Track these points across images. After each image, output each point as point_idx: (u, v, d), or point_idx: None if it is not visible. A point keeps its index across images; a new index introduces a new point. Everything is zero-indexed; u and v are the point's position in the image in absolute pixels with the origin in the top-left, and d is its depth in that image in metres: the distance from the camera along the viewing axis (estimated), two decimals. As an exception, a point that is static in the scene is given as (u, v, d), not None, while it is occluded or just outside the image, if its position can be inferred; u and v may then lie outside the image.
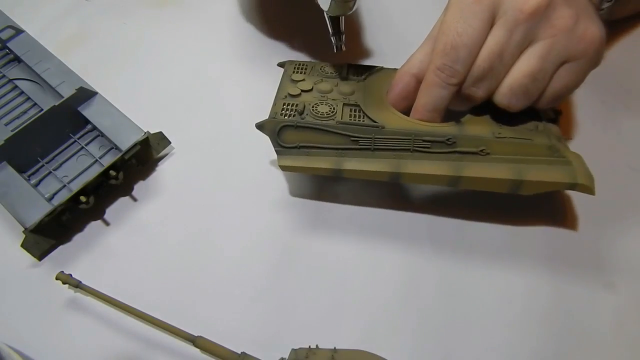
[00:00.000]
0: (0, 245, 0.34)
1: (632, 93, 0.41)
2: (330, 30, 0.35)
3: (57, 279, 0.31)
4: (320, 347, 0.29)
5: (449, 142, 0.30)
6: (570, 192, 0.36)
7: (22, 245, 0.32)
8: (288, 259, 0.34)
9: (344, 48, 0.35)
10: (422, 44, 0.33)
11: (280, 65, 0.37)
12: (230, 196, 0.36)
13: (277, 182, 0.36)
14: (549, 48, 0.29)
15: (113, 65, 0.41)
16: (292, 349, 0.29)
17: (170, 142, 0.37)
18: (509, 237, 0.35)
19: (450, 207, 0.36)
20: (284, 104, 0.32)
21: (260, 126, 0.31)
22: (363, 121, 0.31)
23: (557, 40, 0.29)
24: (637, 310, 0.33)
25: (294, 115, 0.31)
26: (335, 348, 0.29)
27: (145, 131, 0.35)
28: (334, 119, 0.31)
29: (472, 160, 0.30)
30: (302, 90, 0.33)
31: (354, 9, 0.33)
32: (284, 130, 0.31)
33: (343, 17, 0.34)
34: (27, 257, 0.33)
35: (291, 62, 0.37)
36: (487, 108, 0.31)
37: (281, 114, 0.31)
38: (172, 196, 0.36)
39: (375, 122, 0.31)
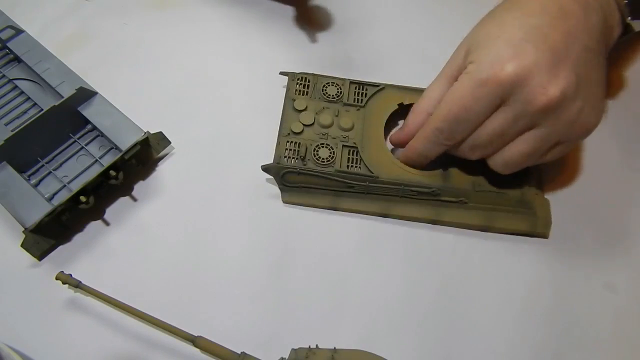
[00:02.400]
0: (0, 245, 0.34)
1: (632, 93, 0.41)
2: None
3: (57, 279, 0.31)
4: (320, 347, 0.29)
5: (434, 193, 0.34)
6: (570, 192, 0.37)
7: (22, 245, 0.32)
8: (288, 259, 0.34)
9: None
10: (437, 80, 0.34)
11: (284, 74, 0.38)
12: (230, 196, 0.36)
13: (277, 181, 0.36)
14: (549, 134, 0.30)
15: (113, 65, 0.41)
16: (292, 349, 0.29)
17: (170, 142, 0.37)
18: (509, 237, 0.35)
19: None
20: (287, 146, 0.35)
21: (266, 169, 0.35)
22: (359, 168, 0.34)
23: (558, 129, 0.30)
24: (637, 310, 0.33)
25: (296, 160, 0.34)
26: (335, 348, 0.29)
27: (145, 131, 0.35)
28: (332, 166, 0.34)
29: (451, 208, 0.34)
30: (304, 125, 0.35)
31: None
32: (288, 173, 0.34)
33: None
34: (27, 257, 0.33)
35: (294, 75, 0.38)
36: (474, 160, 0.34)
37: (285, 157, 0.34)
38: (172, 196, 0.36)
39: (370, 171, 0.34)
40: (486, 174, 0.34)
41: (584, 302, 0.33)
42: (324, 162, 0.34)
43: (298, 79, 0.37)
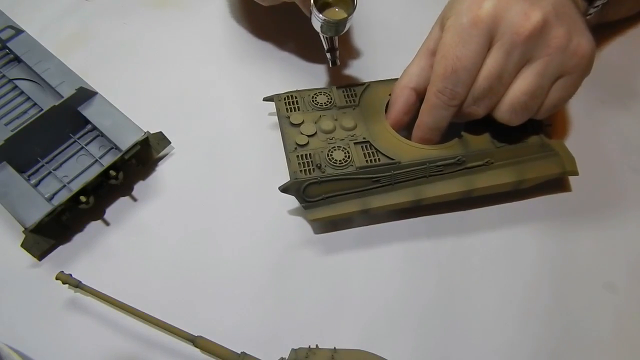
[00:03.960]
0: (0, 245, 0.34)
1: (632, 93, 0.41)
2: (325, 47, 0.36)
3: (57, 279, 0.31)
4: (320, 347, 0.29)
5: (459, 162, 0.33)
6: (570, 192, 0.37)
7: (22, 245, 0.32)
8: (288, 259, 0.34)
9: (338, 63, 0.37)
10: (416, 57, 0.34)
11: (268, 99, 0.37)
12: (230, 196, 0.36)
13: (277, 181, 0.36)
14: (546, 66, 0.30)
15: (113, 65, 0.41)
16: (292, 349, 0.29)
17: (170, 142, 0.37)
18: (509, 237, 0.35)
19: (450, 207, 0.36)
20: (299, 160, 0.33)
21: (285, 189, 0.32)
22: (379, 159, 0.33)
23: (552, 58, 0.30)
24: (637, 310, 0.33)
25: (313, 170, 0.32)
26: (335, 348, 0.29)
27: (145, 131, 0.35)
28: (352, 165, 0.33)
29: (480, 172, 0.34)
30: (308, 136, 0.34)
31: (347, 29, 0.35)
32: (309, 186, 0.32)
33: (336, 36, 0.36)
34: (27, 257, 0.33)
35: (278, 97, 0.36)
36: (482, 121, 0.33)
37: (301, 172, 0.32)
38: (172, 196, 0.36)
39: (391, 158, 0.33)
40: (501, 129, 0.34)
41: (584, 302, 0.33)
42: (341, 163, 0.33)
43: (285, 99, 0.36)
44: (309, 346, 0.29)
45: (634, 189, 0.37)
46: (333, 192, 0.33)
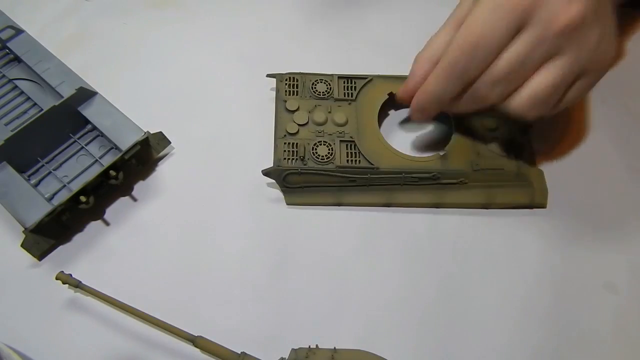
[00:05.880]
0: (0, 245, 0.34)
1: (632, 93, 0.41)
2: None
3: (57, 279, 0.31)
4: (320, 347, 0.29)
5: (434, 177, 0.34)
6: (570, 192, 0.37)
7: (22, 245, 0.32)
8: (288, 259, 0.34)
9: None
10: (443, 26, 0.32)
11: (271, 76, 0.38)
12: (230, 196, 0.36)
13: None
14: (572, 63, 0.29)
15: (113, 65, 0.41)
16: (292, 349, 0.29)
17: (170, 142, 0.37)
18: (509, 237, 0.35)
19: (450, 207, 0.36)
20: (285, 148, 0.35)
21: (267, 173, 0.34)
22: (359, 161, 0.34)
23: (580, 57, 0.29)
24: (637, 310, 0.33)
25: (296, 160, 0.34)
26: (335, 348, 0.29)
27: (145, 131, 0.35)
28: (333, 163, 0.34)
29: (452, 189, 0.35)
30: (299, 125, 0.35)
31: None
32: (289, 175, 0.34)
33: None
34: (27, 257, 0.33)
35: (281, 77, 0.38)
36: (468, 134, 0.36)
37: (284, 159, 0.34)
38: (172, 196, 0.36)
39: (370, 163, 0.34)
40: (483, 153, 0.35)
41: (584, 302, 0.33)
42: (323, 159, 0.34)
43: (286, 80, 0.37)
44: (309, 346, 0.29)
45: (633, 189, 0.37)
46: (311, 183, 0.35)
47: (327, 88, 0.37)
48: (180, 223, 0.35)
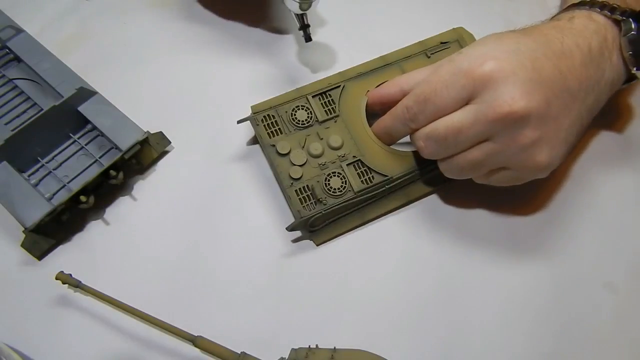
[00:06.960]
0: (0, 245, 0.34)
1: (632, 93, 0.41)
2: (298, 26, 0.37)
3: (57, 279, 0.31)
4: (320, 347, 0.29)
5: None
6: (570, 192, 0.36)
7: (22, 245, 0.32)
8: (288, 259, 0.34)
9: (312, 38, 0.38)
10: (426, 68, 0.33)
11: (242, 121, 0.35)
12: (230, 196, 0.36)
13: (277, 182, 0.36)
14: (497, 153, 0.30)
15: (113, 65, 0.41)
16: (292, 349, 0.29)
17: (170, 142, 0.37)
18: (509, 237, 0.35)
19: (449, 206, 0.36)
20: (299, 194, 0.33)
21: (292, 228, 0.33)
22: (373, 178, 0.34)
23: (507, 150, 0.29)
24: (637, 310, 0.33)
25: (315, 204, 0.33)
26: (335, 348, 0.29)
27: (145, 131, 0.35)
28: (350, 190, 0.33)
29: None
30: (300, 166, 0.34)
31: (312, 6, 0.35)
32: (313, 220, 0.33)
33: (306, 13, 0.36)
34: (27, 257, 0.33)
35: (255, 120, 0.35)
36: None
37: (304, 208, 0.33)
38: (172, 196, 0.36)
39: (384, 175, 0.34)
40: None
41: (584, 302, 0.33)
42: (340, 191, 0.33)
43: (262, 120, 0.35)
44: (309, 346, 0.29)
45: (634, 189, 0.37)
46: (335, 216, 0.34)
47: (308, 114, 0.35)
48: (180, 223, 0.35)
